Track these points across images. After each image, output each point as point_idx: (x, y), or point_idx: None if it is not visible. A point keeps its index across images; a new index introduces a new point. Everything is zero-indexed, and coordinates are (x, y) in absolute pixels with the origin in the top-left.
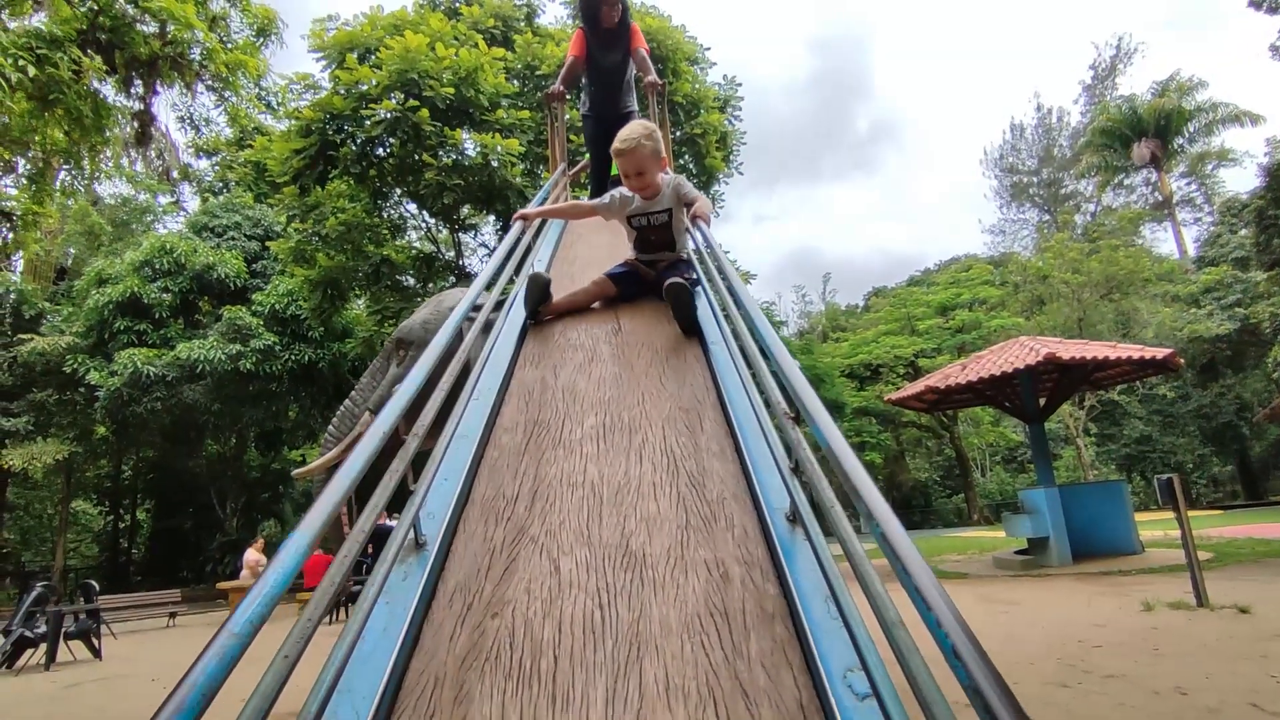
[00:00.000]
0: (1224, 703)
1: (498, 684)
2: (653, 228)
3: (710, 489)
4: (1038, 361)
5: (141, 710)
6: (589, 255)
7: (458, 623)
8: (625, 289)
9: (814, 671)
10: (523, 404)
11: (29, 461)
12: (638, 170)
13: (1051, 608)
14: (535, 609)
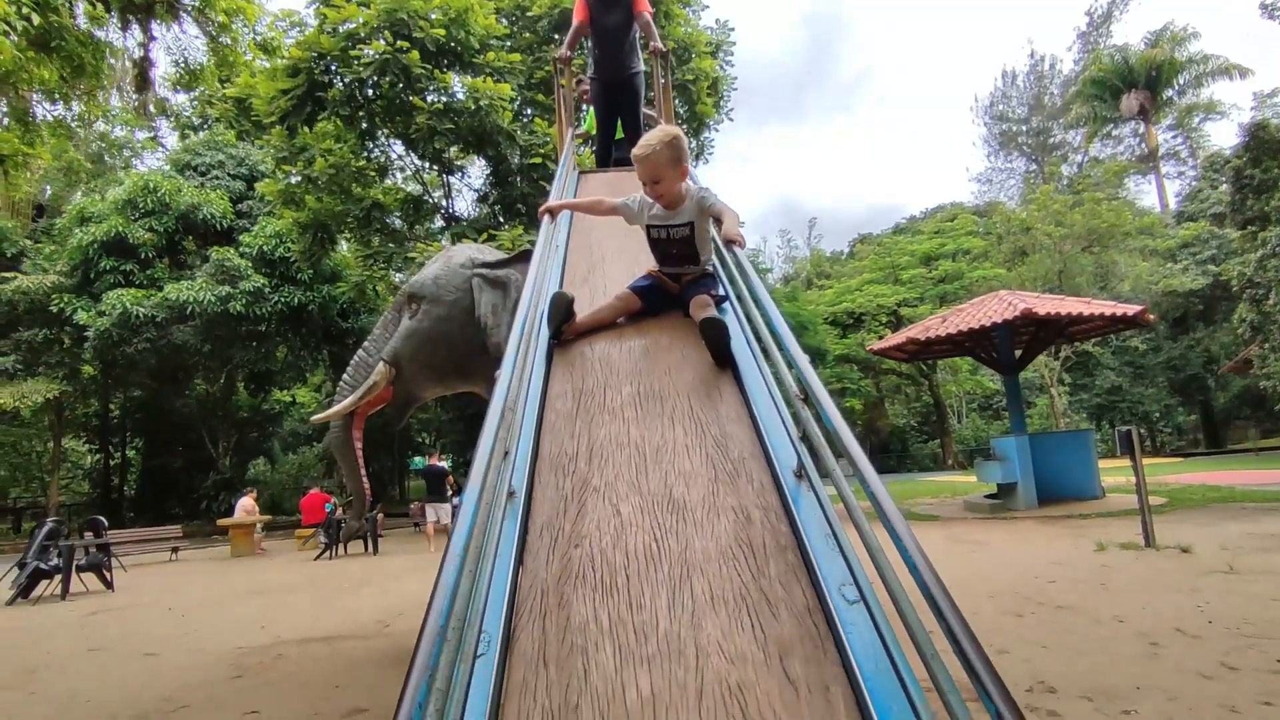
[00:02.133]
0: (1154, 628)
1: (587, 594)
2: (672, 240)
3: (732, 449)
4: (1015, 316)
5: (164, 635)
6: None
7: (549, 552)
8: (650, 303)
9: (817, 585)
10: (567, 373)
11: (18, 400)
12: (654, 179)
13: (1014, 547)
14: (606, 542)
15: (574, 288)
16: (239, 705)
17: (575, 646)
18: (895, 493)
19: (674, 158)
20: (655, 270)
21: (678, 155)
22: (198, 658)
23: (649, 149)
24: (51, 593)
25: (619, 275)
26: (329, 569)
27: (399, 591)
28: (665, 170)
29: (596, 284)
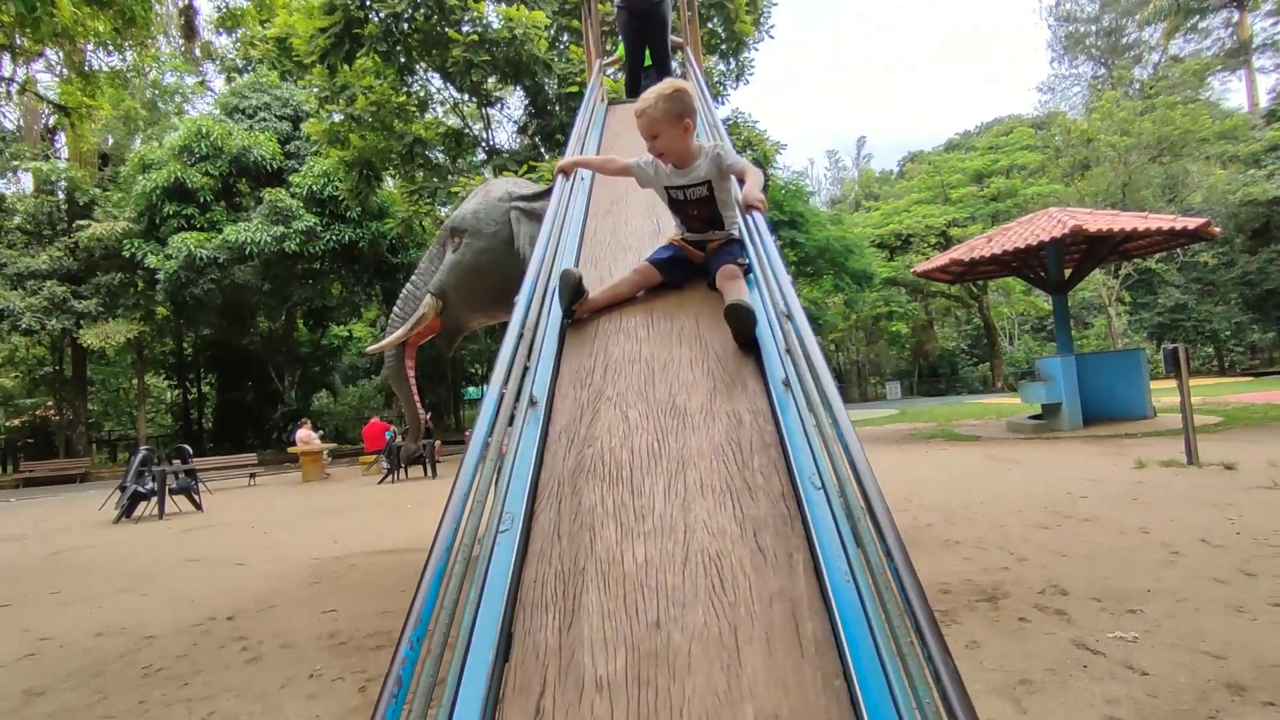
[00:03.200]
0: (1177, 539)
1: (596, 485)
2: (690, 202)
3: (730, 364)
4: (1064, 234)
5: (250, 549)
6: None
7: (566, 450)
8: (671, 275)
9: (792, 475)
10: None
11: (104, 340)
12: (651, 134)
13: (1051, 466)
14: (615, 442)
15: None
16: (319, 605)
17: (584, 524)
18: (940, 415)
19: (672, 112)
20: (677, 238)
21: (679, 110)
22: (280, 567)
23: (645, 103)
24: (149, 513)
25: (640, 210)
26: (391, 491)
27: None
28: (662, 126)
29: (619, 215)
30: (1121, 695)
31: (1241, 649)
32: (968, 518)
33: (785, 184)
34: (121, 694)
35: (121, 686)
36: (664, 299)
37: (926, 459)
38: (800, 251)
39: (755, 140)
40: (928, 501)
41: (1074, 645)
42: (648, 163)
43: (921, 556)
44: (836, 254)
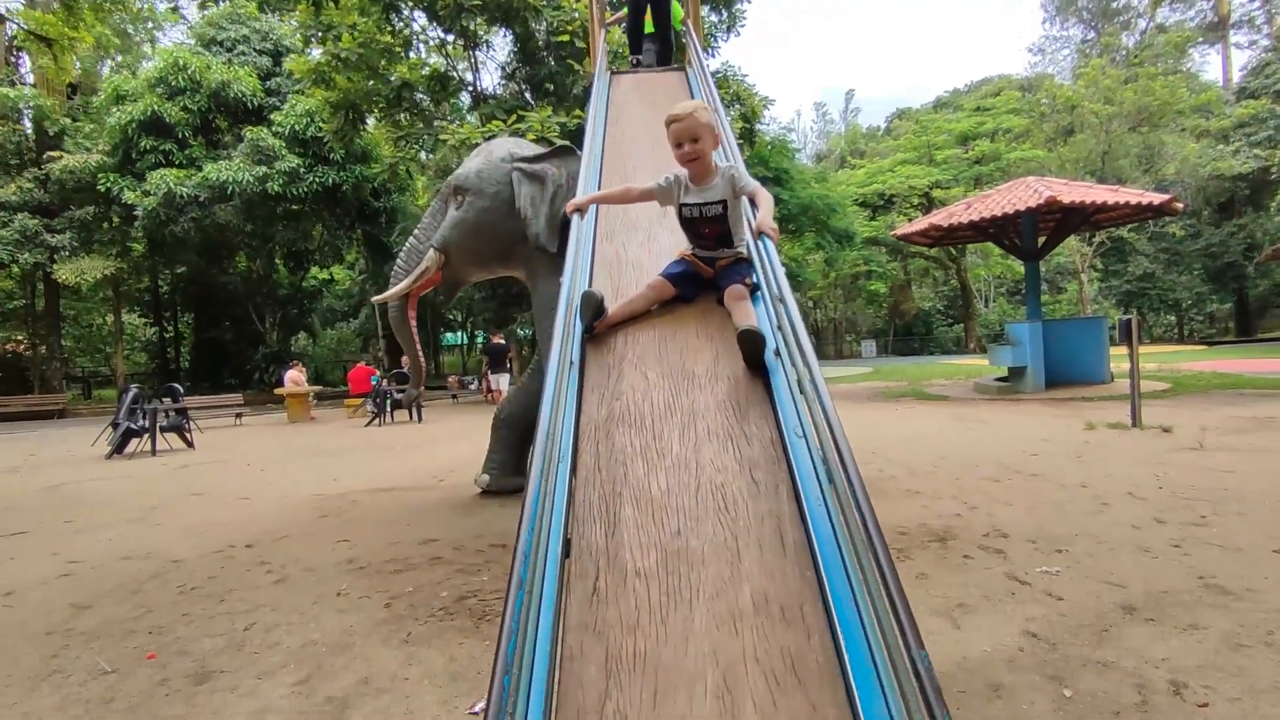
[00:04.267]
0: (1108, 492)
1: (624, 431)
2: (704, 220)
3: (731, 335)
4: (1039, 204)
5: (250, 485)
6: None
7: (598, 403)
8: (684, 290)
9: (779, 426)
10: (605, 273)
11: (79, 276)
12: (692, 137)
13: (1010, 426)
14: (637, 397)
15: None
16: (330, 536)
17: (618, 460)
18: (912, 374)
19: (710, 124)
20: (688, 253)
21: (712, 123)
22: (284, 502)
23: (687, 109)
24: (142, 450)
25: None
26: (380, 434)
27: (446, 453)
28: (703, 130)
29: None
30: (1038, 615)
31: (1139, 580)
32: (928, 471)
33: (771, 139)
34: (163, 608)
35: (161, 602)
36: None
37: (895, 416)
38: (783, 209)
39: (744, 95)
40: (893, 455)
41: (1007, 578)
42: (669, 182)
43: (884, 504)
44: (819, 212)
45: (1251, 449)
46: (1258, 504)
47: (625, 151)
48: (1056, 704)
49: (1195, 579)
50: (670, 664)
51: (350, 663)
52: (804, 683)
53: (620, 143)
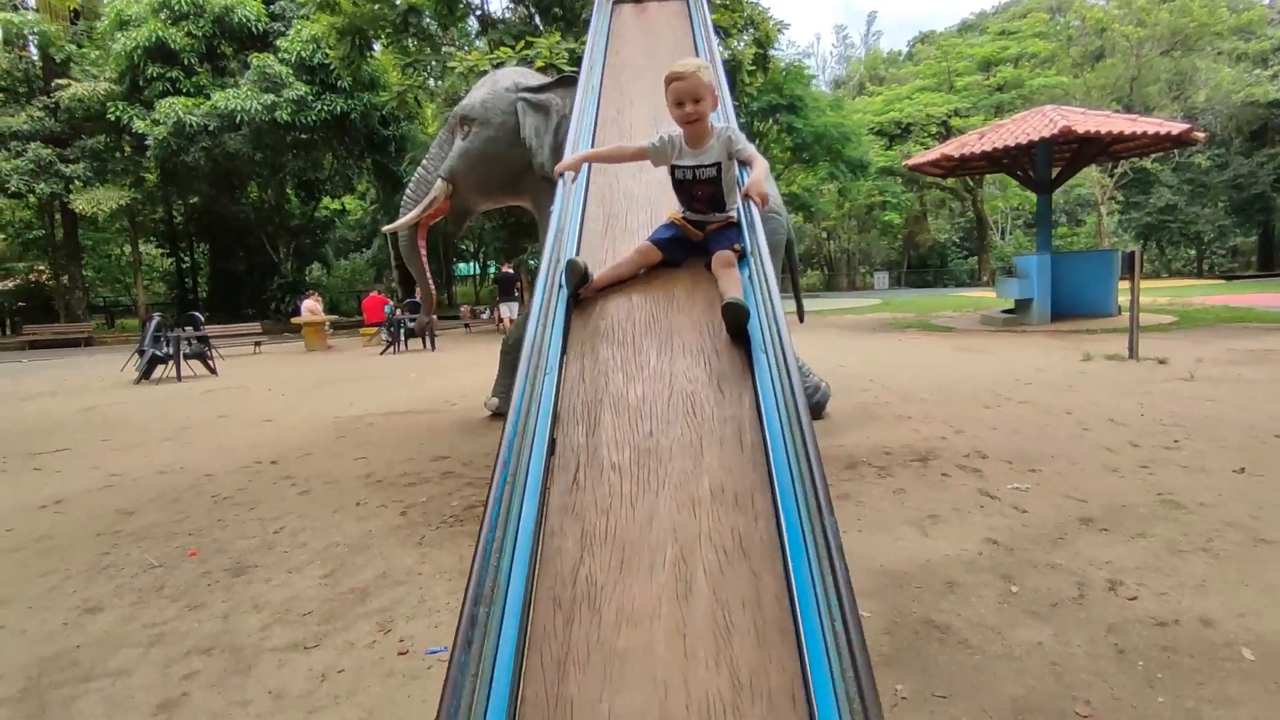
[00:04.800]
0: (1090, 418)
1: (608, 345)
2: (698, 182)
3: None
4: (1054, 133)
5: (273, 409)
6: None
7: (586, 321)
8: (672, 255)
9: (748, 345)
10: (598, 201)
11: (95, 206)
12: (694, 97)
13: (1010, 356)
14: (622, 316)
15: (605, 128)
16: (350, 454)
17: (601, 371)
18: (921, 306)
19: (712, 84)
20: (679, 216)
21: (714, 83)
22: (305, 424)
23: (690, 67)
24: (167, 376)
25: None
26: (394, 362)
27: (459, 379)
28: (705, 91)
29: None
30: (1002, 526)
31: (1102, 496)
32: (922, 398)
33: (786, 66)
34: (200, 514)
35: (198, 509)
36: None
37: (899, 346)
38: (797, 137)
39: (757, 19)
40: (890, 383)
41: (979, 493)
42: (663, 141)
43: (875, 427)
44: (833, 141)
45: (1240, 380)
46: (1232, 430)
47: (624, 83)
48: (1002, 597)
49: (1154, 495)
50: (636, 540)
51: (370, 560)
52: (748, 556)
53: (619, 74)
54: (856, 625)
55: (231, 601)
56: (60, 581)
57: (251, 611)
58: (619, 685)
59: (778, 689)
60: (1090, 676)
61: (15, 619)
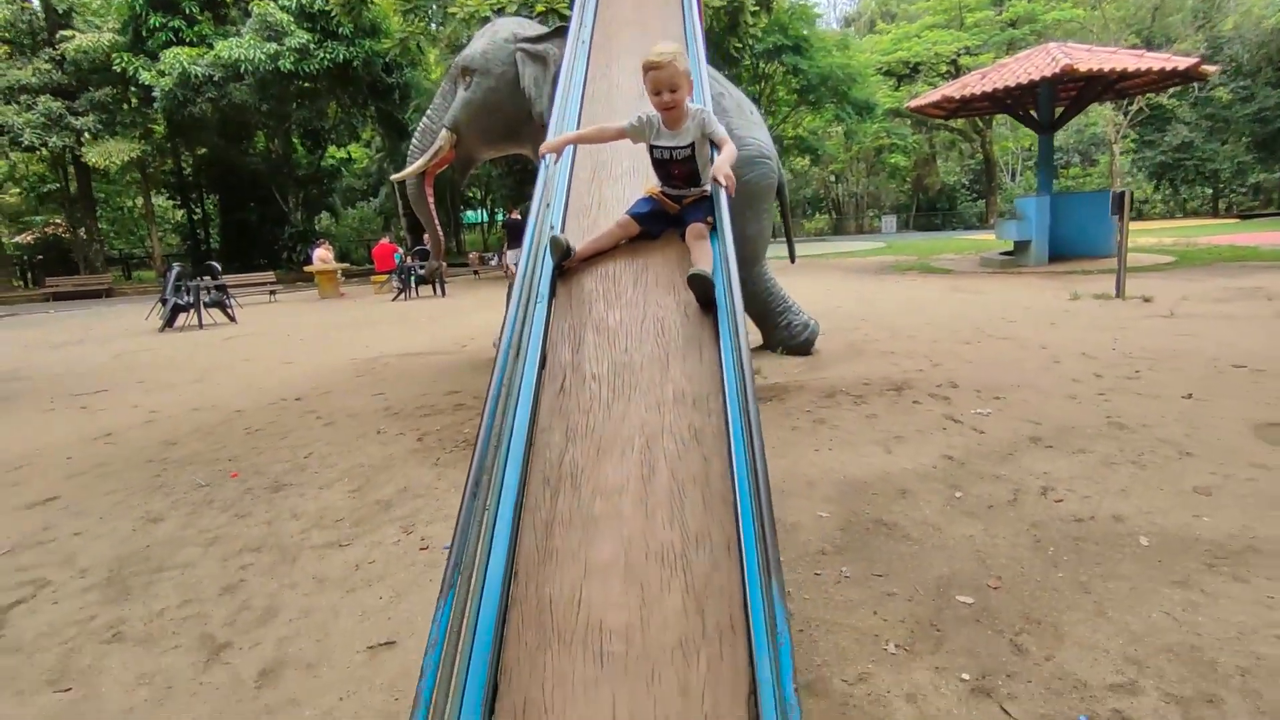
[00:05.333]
0: (1063, 353)
1: (594, 286)
2: (675, 161)
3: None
4: (1055, 73)
5: (292, 352)
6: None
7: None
8: (650, 227)
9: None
10: (586, 151)
11: (106, 159)
12: (671, 86)
13: (1001, 296)
14: (604, 256)
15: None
16: (367, 390)
17: (584, 300)
18: (924, 249)
19: (687, 70)
20: (656, 190)
21: (686, 68)
22: (324, 365)
23: (668, 56)
24: (189, 324)
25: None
26: (406, 308)
27: (468, 323)
28: (681, 79)
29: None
30: (959, 444)
31: (1055, 419)
32: (909, 336)
33: (792, 5)
34: (236, 444)
35: (233, 440)
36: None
37: (896, 288)
38: (802, 79)
39: None
40: (881, 323)
41: (944, 418)
42: (643, 121)
43: (860, 362)
44: (839, 82)
45: (1219, 316)
46: (1194, 361)
47: (613, 34)
48: (946, 501)
49: (1104, 418)
50: (611, 434)
51: (392, 478)
52: (701, 444)
53: (607, 27)
54: (767, 493)
55: (273, 512)
56: (123, 498)
57: (291, 519)
58: (594, 540)
59: (718, 543)
60: (1007, 560)
61: (91, 527)
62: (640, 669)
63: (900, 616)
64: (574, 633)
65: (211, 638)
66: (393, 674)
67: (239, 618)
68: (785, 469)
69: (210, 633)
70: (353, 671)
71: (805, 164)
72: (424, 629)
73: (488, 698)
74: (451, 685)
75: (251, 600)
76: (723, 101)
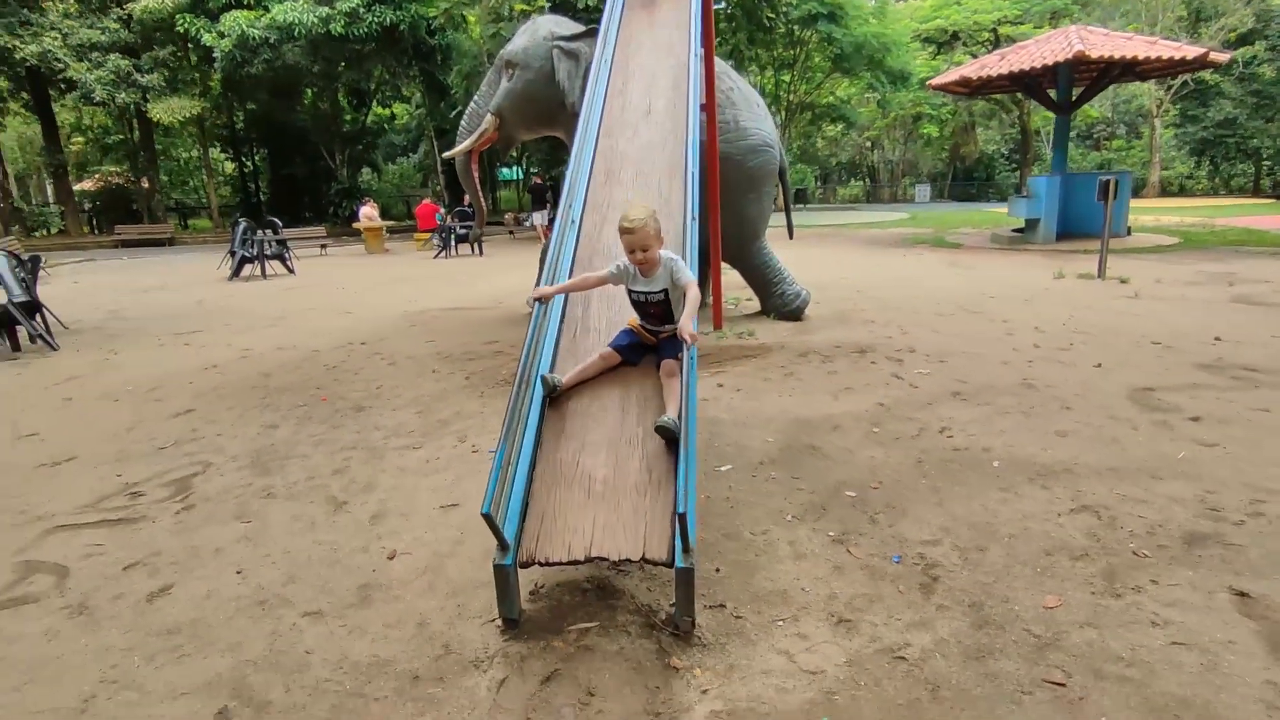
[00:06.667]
0: (1021, 326)
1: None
2: (650, 303)
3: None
4: (1069, 58)
5: (348, 303)
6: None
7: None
8: (630, 357)
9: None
10: (603, 158)
11: (171, 115)
12: (643, 246)
13: (993, 273)
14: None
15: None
16: (420, 337)
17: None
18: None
19: (657, 230)
20: (637, 324)
21: (659, 228)
22: (379, 316)
23: (639, 222)
24: (253, 275)
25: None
26: (447, 266)
27: (505, 281)
28: (652, 240)
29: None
30: (893, 396)
31: (980, 380)
32: (894, 307)
33: None
34: (319, 376)
35: (316, 373)
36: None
37: (900, 262)
38: (836, 47)
39: None
40: (873, 294)
41: (891, 375)
42: (621, 270)
43: (841, 328)
44: (874, 51)
45: (1176, 299)
46: (1125, 338)
47: (630, 54)
48: (865, 434)
49: (1019, 380)
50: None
51: (447, 405)
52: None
53: (625, 48)
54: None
55: (360, 425)
56: (243, 413)
57: (374, 430)
58: (590, 428)
59: (662, 441)
60: (891, 472)
61: (226, 430)
62: (611, 499)
63: (801, 502)
64: (573, 479)
65: (334, 498)
66: (458, 521)
67: (349, 488)
68: (751, 409)
69: (332, 495)
70: (431, 518)
71: (838, 131)
72: (478, 497)
73: (522, 510)
74: (500, 503)
75: (356, 478)
76: (731, 95)
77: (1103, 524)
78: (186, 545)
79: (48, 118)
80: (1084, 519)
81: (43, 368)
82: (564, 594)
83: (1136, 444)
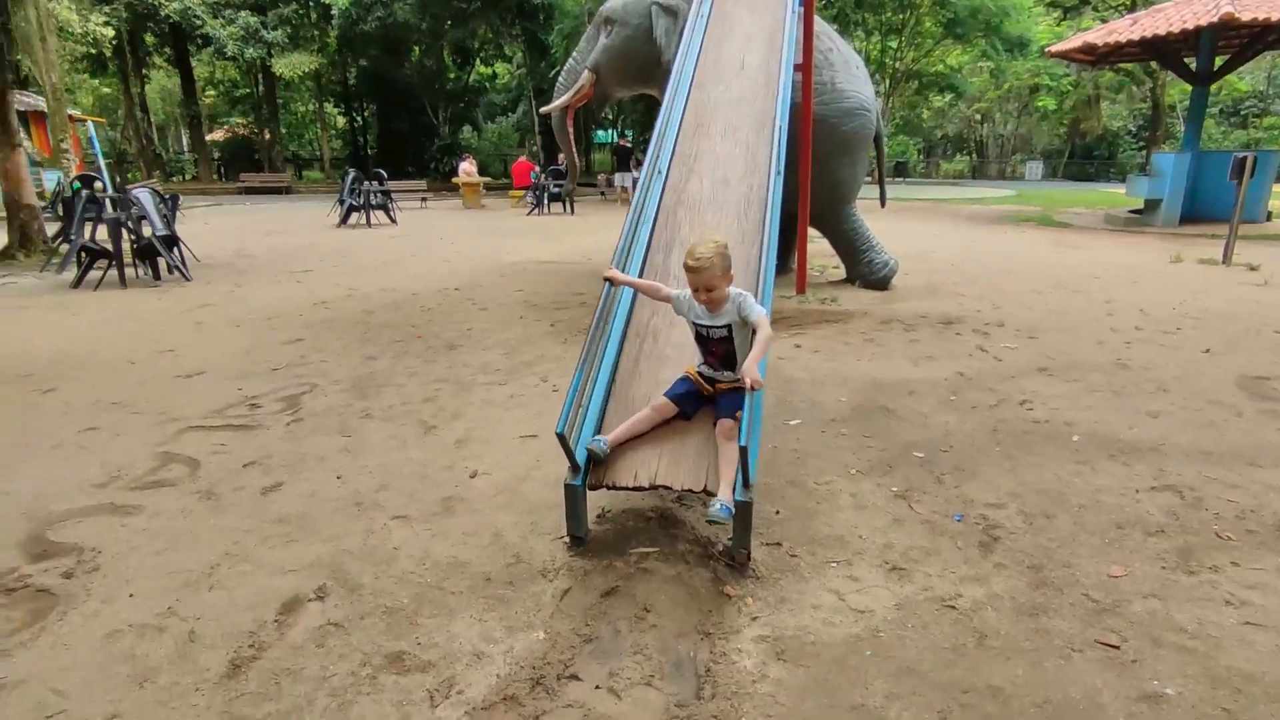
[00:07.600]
0: (1125, 309)
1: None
2: (713, 340)
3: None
4: (1213, 22)
5: (446, 253)
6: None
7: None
8: (686, 407)
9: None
10: (694, 109)
11: (292, 70)
12: (708, 287)
13: (1103, 254)
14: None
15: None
16: (511, 286)
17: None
18: (1056, 200)
19: (725, 268)
20: (694, 371)
21: (727, 265)
22: (474, 265)
23: (706, 261)
24: (359, 223)
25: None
26: (539, 222)
27: (593, 239)
28: (718, 280)
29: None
30: (975, 367)
31: (1069, 357)
32: (988, 282)
33: None
34: (416, 316)
35: (414, 313)
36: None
37: (1000, 238)
38: (950, 10)
39: None
40: (967, 269)
41: (976, 348)
42: (686, 299)
43: (929, 299)
44: (991, 15)
45: None
46: (1241, 325)
47: (728, 10)
48: (941, 401)
49: (1113, 360)
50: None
51: (532, 348)
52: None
53: (722, 4)
54: None
55: (450, 362)
56: (346, 344)
57: (463, 367)
58: (661, 369)
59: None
60: (964, 438)
61: (331, 358)
62: (678, 436)
63: (868, 458)
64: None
65: (424, 422)
66: (535, 450)
67: (438, 415)
68: (828, 370)
69: (423, 419)
70: (511, 446)
71: (944, 102)
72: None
73: (598, 425)
74: (574, 428)
75: (445, 407)
76: (830, 56)
77: (1185, 504)
78: (295, 451)
79: (186, 71)
80: (1164, 497)
81: (179, 295)
82: (628, 519)
83: (1237, 430)
